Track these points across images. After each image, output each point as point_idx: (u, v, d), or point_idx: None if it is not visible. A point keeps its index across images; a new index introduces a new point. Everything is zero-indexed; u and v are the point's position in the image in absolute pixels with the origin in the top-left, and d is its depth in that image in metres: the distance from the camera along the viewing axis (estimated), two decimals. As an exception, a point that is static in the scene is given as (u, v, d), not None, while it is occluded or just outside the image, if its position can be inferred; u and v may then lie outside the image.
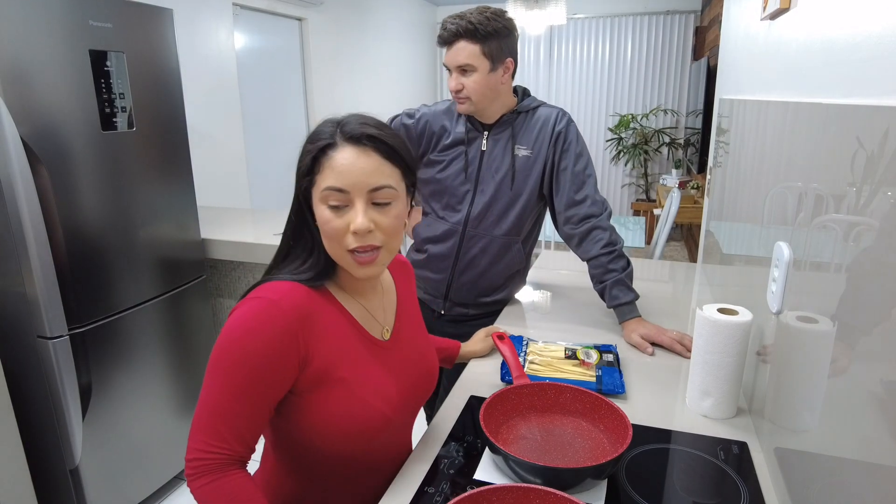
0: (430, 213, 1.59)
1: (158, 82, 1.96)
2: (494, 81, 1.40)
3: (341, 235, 0.79)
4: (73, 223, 1.71)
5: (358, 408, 0.83)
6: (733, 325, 1.00)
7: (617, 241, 1.45)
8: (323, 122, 0.82)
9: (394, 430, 0.92)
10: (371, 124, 0.81)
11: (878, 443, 0.56)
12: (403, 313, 0.99)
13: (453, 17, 1.38)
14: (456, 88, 1.40)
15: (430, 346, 1.04)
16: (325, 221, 0.79)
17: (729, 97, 1.76)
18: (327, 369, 0.81)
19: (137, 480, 2.02)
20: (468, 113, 1.46)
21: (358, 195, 0.78)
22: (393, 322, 0.96)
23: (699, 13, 5.81)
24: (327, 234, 0.80)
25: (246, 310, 0.78)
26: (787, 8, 1.07)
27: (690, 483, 0.90)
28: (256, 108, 3.76)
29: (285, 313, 0.77)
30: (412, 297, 1.06)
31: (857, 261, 0.65)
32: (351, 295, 0.89)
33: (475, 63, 1.37)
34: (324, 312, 0.83)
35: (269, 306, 0.77)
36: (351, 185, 0.78)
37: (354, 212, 0.78)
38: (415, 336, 1.00)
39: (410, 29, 6.05)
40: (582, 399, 1.02)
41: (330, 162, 0.78)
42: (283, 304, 0.78)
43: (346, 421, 0.83)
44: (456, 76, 1.40)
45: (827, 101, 0.78)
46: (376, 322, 0.92)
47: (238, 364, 0.75)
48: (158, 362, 2.07)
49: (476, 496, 0.75)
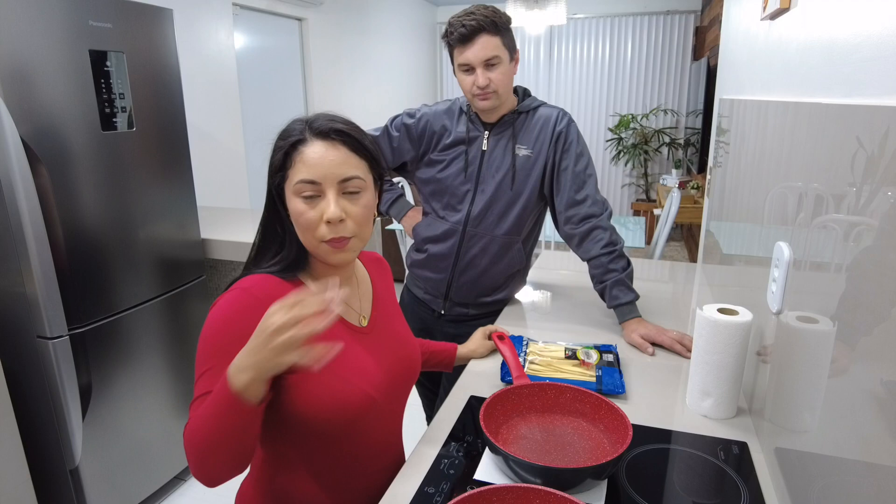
0: (430, 212, 1.59)
1: (158, 82, 1.96)
2: (512, 74, 1.43)
3: (315, 226, 0.83)
4: (73, 223, 1.71)
5: (340, 386, 0.86)
6: (733, 325, 1.00)
7: (617, 241, 1.45)
8: (292, 121, 0.87)
9: (379, 415, 0.92)
10: (338, 120, 0.86)
11: (878, 443, 0.56)
12: (380, 303, 1.02)
13: (465, 15, 1.36)
14: (484, 84, 1.38)
15: (409, 335, 1.06)
16: (300, 213, 0.83)
17: (729, 97, 1.76)
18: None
19: (137, 480, 2.02)
20: (491, 108, 1.44)
21: (329, 186, 0.83)
22: (370, 311, 0.99)
23: (699, 13, 5.81)
24: (302, 225, 0.84)
25: (222, 303, 0.82)
26: (787, 8, 1.07)
27: (690, 483, 0.90)
28: (256, 109, 3.76)
29: (258, 299, 0.81)
30: (389, 290, 1.08)
31: (856, 261, 0.65)
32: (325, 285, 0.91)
33: (500, 55, 1.38)
34: None
35: (242, 293, 0.82)
36: (322, 176, 0.82)
37: (326, 202, 0.83)
38: (393, 324, 1.02)
39: (410, 29, 6.05)
40: (582, 399, 1.02)
41: (301, 157, 0.83)
42: (254, 291, 0.82)
43: (329, 400, 0.85)
44: (482, 71, 1.37)
45: (827, 101, 0.78)
46: (352, 310, 0.95)
47: (219, 348, 0.79)
48: (158, 362, 2.07)
49: (476, 496, 0.75)
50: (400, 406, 1.02)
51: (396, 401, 0.99)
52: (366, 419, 0.90)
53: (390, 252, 4.24)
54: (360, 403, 0.88)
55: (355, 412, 0.87)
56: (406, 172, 1.66)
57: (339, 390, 0.86)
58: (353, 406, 0.87)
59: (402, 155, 1.59)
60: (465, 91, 1.44)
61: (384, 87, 5.49)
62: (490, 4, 1.41)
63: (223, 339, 0.80)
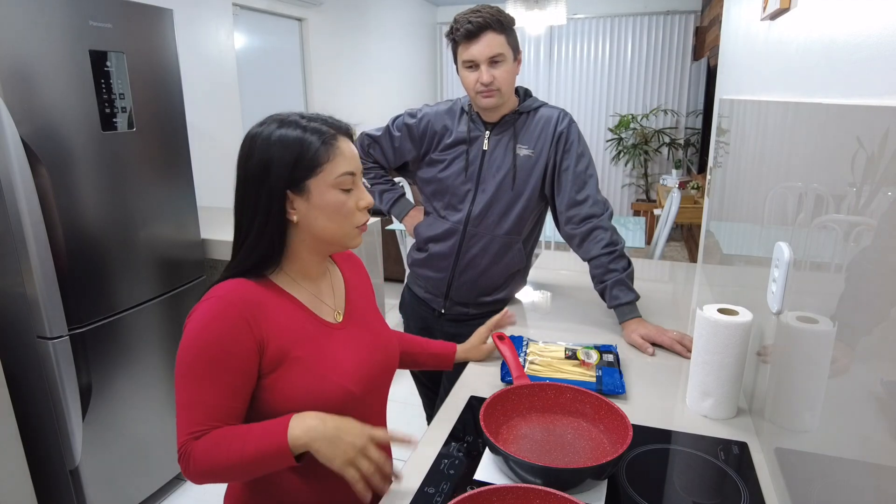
0: (431, 212, 1.59)
1: (158, 82, 1.96)
2: (515, 72, 1.43)
3: (353, 213, 0.91)
4: (73, 223, 1.71)
5: (317, 383, 0.88)
6: (733, 325, 1.00)
7: (618, 242, 1.45)
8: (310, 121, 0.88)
9: (359, 409, 0.92)
10: (341, 121, 0.93)
11: (878, 443, 0.56)
12: (353, 297, 1.03)
13: (471, 13, 1.37)
14: (488, 81, 1.38)
15: (384, 327, 1.07)
16: (342, 203, 0.89)
17: (729, 97, 1.76)
18: (284, 351, 0.87)
19: (137, 480, 2.02)
20: (494, 106, 1.44)
21: (358, 177, 0.92)
22: (344, 305, 1.00)
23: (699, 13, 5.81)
24: (342, 214, 0.89)
25: (198, 313, 0.84)
26: (787, 8, 1.07)
27: (690, 483, 0.90)
28: (256, 109, 3.76)
29: (234, 304, 0.84)
30: (363, 284, 1.10)
31: (856, 261, 0.65)
32: (299, 282, 0.94)
33: (505, 52, 1.38)
34: (271, 301, 0.88)
35: (218, 302, 0.84)
36: (356, 168, 0.91)
37: (360, 191, 0.92)
38: (367, 317, 1.04)
39: (410, 29, 6.04)
40: (582, 399, 1.02)
41: (339, 151, 0.88)
42: (230, 297, 0.84)
43: (307, 396, 0.87)
44: (486, 69, 1.38)
45: (827, 101, 0.78)
46: (326, 305, 0.96)
47: (199, 358, 0.81)
48: (158, 362, 2.07)
49: (476, 496, 0.75)
50: (381, 398, 1.03)
51: (376, 392, 1.00)
52: (346, 413, 0.89)
53: (390, 252, 4.24)
54: (338, 398, 0.89)
55: (334, 407, 0.88)
56: (407, 172, 1.66)
57: (317, 387, 0.88)
58: (331, 401, 0.88)
59: (403, 155, 1.59)
60: (468, 88, 1.43)
61: (384, 88, 5.49)
62: (495, 4, 1.41)
63: (213, 355, 0.81)
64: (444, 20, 6.65)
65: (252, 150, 0.88)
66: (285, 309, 0.89)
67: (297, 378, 0.87)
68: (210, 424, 0.81)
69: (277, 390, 0.86)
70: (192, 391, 0.81)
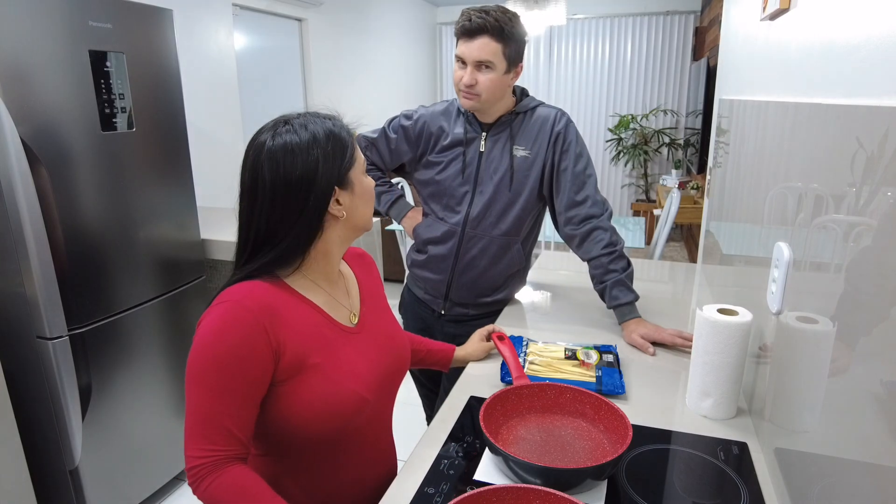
0: (429, 214, 1.59)
1: (158, 82, 1.96)
2: (505, 83, 1.40)
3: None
4: (72, 223, 1.71)
5: (333, 391, 0.86)
6: (733, 325, 1.00)
7: (617, 242, 1.45)
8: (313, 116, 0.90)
9: (371, 411, 0.93)
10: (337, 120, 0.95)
11: (878, 443, 0.56)
12: (367, 298, 1.02)
13: (478, 11, 1.34)
14: (469, 83, 1.36)
15: (397, 329, 1.06)
16: (372, 186, 0.94)
17: (729, 97, 1.76)
18: (301, 357, 0.84)
19: (137, 481, 2.02)
20: (472, 109, 1.43)
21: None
22: (359, 307, 0.99)
23: (699, 13, 5.81)
24: (373, 196, 0.94)
25: (213, 316, 0.81)
26: (786, 8, 1.07)
27: (690, 483, 0.90)
28: (256, 109, 3.76)
29: (251, 310, 0.81)
30: (375, 284, 1.08)
31: (856, 261, 0.65)
32: (318, 284, 0.92)
33: (495, 61, 1.35)
34: (287, 305, 0.85)
35: (235, 307, 0.81)
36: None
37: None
38: (381, 319, 1.02)
39: (410, 29, 6.04)
40: (582, 399, 1.02)
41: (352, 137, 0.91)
42: (246, 303, 0.81)
43: (323, 404, 0.85)
44: (471, 70, 1.36)
45: (827, 101, 0.78)
46: (342, 307, 0.95)
47: (215, 367, 0.78)
48: (158, 362, 2.07)
49: (476, 497, 0.75)
50: (390, 401, 1.02)
51: (387, 396, 1.00)
52: (358, 419, 0.90)
53: (390, 252, 4.24)
54: (352, 405, 0.88)
55: (349, 415, 0.87)
56: (405, 174, 1.66)
57: (332, 395, 0.86)
58: (345, 408, 0.87)
59: (400, 156, 1.59)
60: (454, 83, 1.43)
61: (384, 88, 5.49)
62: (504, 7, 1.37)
63: (227, 364, 0.78)
64: (444, 20, 6.65)
65: (290, 157, 0.82)
66: (301, 313, 0.87)
67: (313, 386, 0.84)
68: (221, 448, 0.79)
69: (292, 399, 0.84)
70: (204, 401, 0.78)
